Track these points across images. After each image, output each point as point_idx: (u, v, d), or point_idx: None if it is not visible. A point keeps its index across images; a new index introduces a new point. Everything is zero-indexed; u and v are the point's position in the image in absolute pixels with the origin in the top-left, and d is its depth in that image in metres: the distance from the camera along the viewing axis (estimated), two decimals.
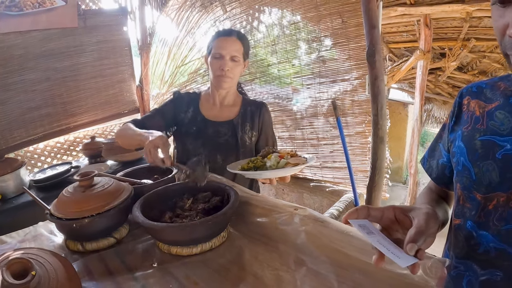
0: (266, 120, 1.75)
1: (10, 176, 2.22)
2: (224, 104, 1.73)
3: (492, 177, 0.74)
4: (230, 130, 1.68)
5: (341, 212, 2.38)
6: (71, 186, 1.13)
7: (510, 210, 0.70)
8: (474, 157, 0.78)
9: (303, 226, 1.05)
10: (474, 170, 0.77)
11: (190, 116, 1.71)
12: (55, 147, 3.25)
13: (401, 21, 4.66)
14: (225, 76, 1.60)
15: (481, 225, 0.76)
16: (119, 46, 3.19)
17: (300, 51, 2.88)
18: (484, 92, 0.84)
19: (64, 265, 0.89)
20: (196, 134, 1.67)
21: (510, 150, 0.72)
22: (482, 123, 0.80)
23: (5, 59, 2.57)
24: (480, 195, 0.76)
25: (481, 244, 0.76)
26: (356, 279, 0.82)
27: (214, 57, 1.61)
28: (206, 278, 0.90)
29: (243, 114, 1.71)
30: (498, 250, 0.72)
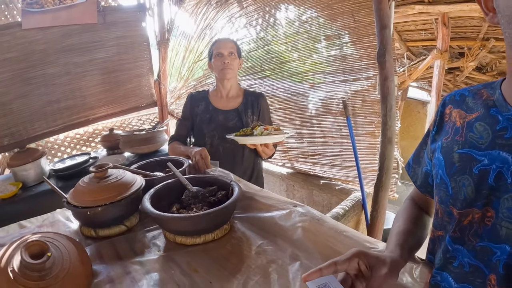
0: (263, 107, 2.12)
1: (31, 166, 2.30)
2: (229, 96, 2.11)
3: (467, 193, 0.71)
4: (237, 116, 2.06)
5: (347, 211, 2.41)
6: (87, 177, 1.21)
7: (485, 227, 0.68)
8: (451, 170, 0.75)
9: (301, 223, 1.11)
10: (451, 184, 0.75)
11: (203, 108, 2.09)
12: (75, 138, 3.34)
13: (418, 19, 4.60)
14: (227, 68, 1.98)
15: (457, 239, 0.74)
16: (138, 41, 3.25)
17: (313, 49, 2.90)
18: (466, 101, 0.80)
19: (78, 248, 0.97)
20: (209, 121, 2.05)
21: (487, 165, 0.69)
22: (461, 134, 0.76)
23: (26, 54, 2.64)
24: (456, 210, 0.74)
25: (456, 258, 0.74)
26: None
27: (216, 56, 2.01)
28: (206, 266, 0.97)
29: (245, 103, 2.09)
30: (472, 266, 0.71)
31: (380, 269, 0.71)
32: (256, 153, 2.00)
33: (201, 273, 0.93)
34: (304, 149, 3.16)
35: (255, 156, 2.08)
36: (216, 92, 2.13)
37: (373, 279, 0.70)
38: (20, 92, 2.64)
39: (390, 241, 0.86)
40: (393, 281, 0.71)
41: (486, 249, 0.68)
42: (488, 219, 0.68)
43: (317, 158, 3.07)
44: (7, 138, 2.62)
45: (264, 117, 2.12)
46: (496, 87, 0.74)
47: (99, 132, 3.48)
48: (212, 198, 1.23)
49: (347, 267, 0.71)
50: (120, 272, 0.96)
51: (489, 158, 0.69)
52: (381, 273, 0.70)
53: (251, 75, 3.44)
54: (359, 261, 0.71)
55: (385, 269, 0.71)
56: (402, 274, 0.86)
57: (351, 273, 0.72)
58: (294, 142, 3.21)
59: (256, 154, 2.03)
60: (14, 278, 0.81)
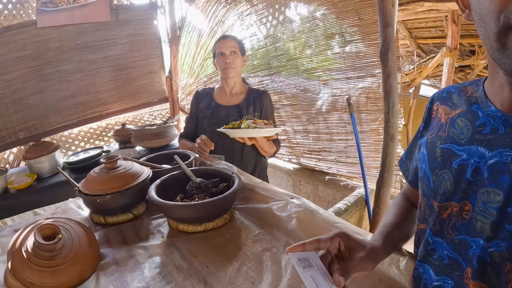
0: (266, 105, 2.12)
1: (46, 158, 2.40)
2: (233, 93, 2.15)
3: (447, 187, 0.72)
4: (237, 112, 2.08)
5: (349, 206, 2.45)
6: (98, 168, 1.30)
7: (463, 221, 0.69)
8: (433, 165, 0.77)
9: (295, 214, 1.17)
10: (433, 178, 0.76)
11: (206, 104, 2.16)
12: (88, 133, 3.44)
13: (428, 16, 4.58)
14: (229, 67, 2.03)
15: (437, 232, 0.75)
16: (150, 39, 3.33)
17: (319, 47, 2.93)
18: (452, 98, 0.81)
19: (86, 232, 1.06)
20: (211, 116, 2.11)
21: (466, 160, 0.70)
22: (444, 130, 0.78)
23: (41, 52, 2.74)
24: (436, 203, 0.75)
25: (436, 250, 0.75)
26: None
27: (218, 56, 2.05)
28: (204, 252, 1.04)
29: (247, 100, 2.11)
30: (451, 258, 0.72)
31: (357, 252, 0.74)
32: (258, 150, 2.03)
33: (199, 258, 1.01)
34: (310, 145, 3.21)
35: (256, 154, 2.09)
36: (221, 89, 2.19)
37: (348, 260, 0.73)
38: (36, 88, 2.74)
39: (376, 231, 0.89)
40: (368, 266, 0.74)
41: (464, 242, 0.69)
42: (466, 212, 0.69)
43: (322, 154, 3.12)
44: (23, 132, 2.72)
45: (267, 115, 2.12)
46: (480, 84, 0.75)
47: (111, 126, 3.57)
48: (214, 189, 1.30)
49: (329, 246, 0.75)
50: (125, 255, 1.04)
51: (468, 153, 0.70)
52: (357, 255, 0.73)
53: (259, 72, 3.50)
54: (340, 241, 0.75)
55: (362, 253, 0.74)
56: (389, 266, 0.91)
57: (332, 252, 0.76)
58: (300, 138, 3.26)
59: (258, 151, 2.05)
60: (28, 257, 0.89)
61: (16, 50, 2.63)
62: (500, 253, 0.62)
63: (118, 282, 0.91)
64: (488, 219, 0.64)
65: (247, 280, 0.90)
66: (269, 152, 2.05)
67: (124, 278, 0.93)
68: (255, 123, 1.71)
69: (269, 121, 1.78)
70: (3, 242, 1.15)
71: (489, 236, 0.64)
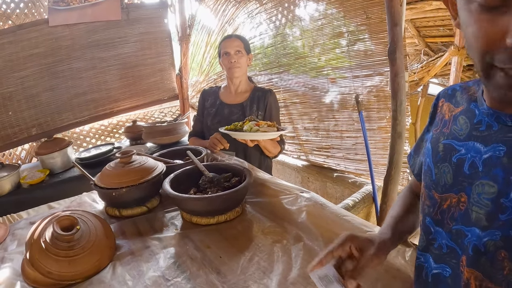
0: (271, 104, 2.12)
1: (58, 154, 2.43)
2: (238, 91, 2.18)
3: (447, 179, 0.76)
4: (241, 110, 2.11)
5: (357, 202, 2.47)
6: (113, 162, 1.34)
7: (460, 212, 0.72)
8: (436, 158, 0.80)
9: (305, 207, 1.20)
10: (435, 170, 0.80)
11: (212, 102, 2.21)
12: (99, 129, 3.48)
13: (436, 15, 4.57)
14: (234, 66, 2.06)
15: (438, 222, 0.79)
16: (160, 37, 3.36)
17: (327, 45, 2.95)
18: (455, 95, 0.84)
19: (103, 224, 1.09)
20: (215, 114, 2.16)
21: (464, 154, 0.73)
22: (447, 126, 0.81)
23: (53, 49, 2.78)
24: (437, 195, 0.79)
25: (436, 240, 0.78)
26: None
27: (223, 55, 2.08)
28: (217, 243, 1.07)
29: (252, 98, 2.13)
30: (449, 247, 0.75)
31: (368, 250, 0.78)
32: (262, 150, 2.03)
33: (212, 249, 1.04)
34: (319, 142, 3.23)
35: (260, 154, 2.09)
36: (227, 87, 2.22)
37: (361, 259, 0.77)
38: (48, 85, 2.78)
39: (383, 224, 0.93)
40: (380, 260, 0.79)
41: (460, 231, 0.72)
42: (462, 203, 0.72)
43: (331, 152, 3.14)
44: (35, 128, 2.77)
45: (271, 114, 2.13)
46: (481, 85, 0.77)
47: (122, 123, 3.61)
48: (226, 183, 1.33)
49: (341, 253, 0.78)
50: (140, 246, 1.07)
51: (466, 148, 0.73)
52: (368, 253, 0.78)
53: (269, 69, 3.52)
54: (351, 245, 0.78)
55: (373, 250, 0.78)
56: (395, 257, 0.94)
57: (343, 256, 0.79)
58: (310, 136, 3.28)
59: (262, 151, 2.05)
60: (46, 247, 0.93)
61: (28, 48, 2.66)
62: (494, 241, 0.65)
63: (134, 271, 0.95)
64: (483, 210, 0.67)
65: (258, 269, 0.93)
66: (273, 152, 2.05)
67: (140, 267, 0.96)
68: (257, 125, 1.71)
69: (273, 122, 1.78)
70: (19, 234, 1.19)
71: (484, 225, 0.66)
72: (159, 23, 3.32)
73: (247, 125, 1.71)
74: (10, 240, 1.16)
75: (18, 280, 0.93)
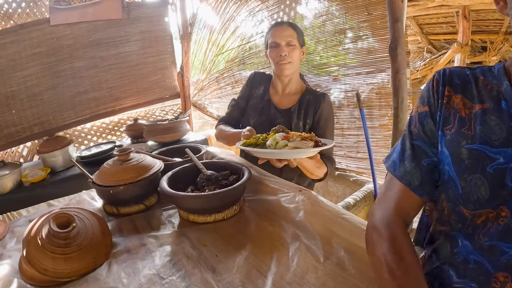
0: (324, 113, 1.74)
1: (59, 152, 2.44)
2: (286, 92, 1.82)
3: (481, 193, 0.66)
4: (286, 117, 1.76)
5: (358, 201, 2.46)
6: (111, 160, 1.34)
7: (498, 227, 0.65)
8: (460, 167, 0.69)
9: (303, 205, 1.19)
10: (461, 183, 0.69)
11: (260, 93, 1.87)
12: (101, 128, 3.48)
13: (439, 12, 4.55)
14: (284, 61, 1.70)
15: (467, 236, 0.70)
16: (161, 35, 3.37)
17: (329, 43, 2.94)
18: (468, 87, 0.72)
19: (100, 222, 1.09)
20: (261, 111, 1.82)
21: (503, 164, 0.63)
22: (469, 127, 0.69)
23: (55, 49, 2.79)
24: (467, 211, 0.69)
25: (460, 254, 0.71)
26: (340, 257, 0.93)
27: (271, 46, 1.73)
28: (214, 241, 1.06)
29: (301, 102, 1.76)
30: (477, 263, 0.68)
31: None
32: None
33: (208, 247, 1.03)
34: None
35: (299, 175, 1.75)
36: (273, 84, 1.87)
37: None
38: (50, 84, 2.80)
39: None
40: None
41: (495, 248, 0.65)
42: (502, 219, 0.64)
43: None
44: (37, 126, 2.78)
45: (320, 124, 1.73)
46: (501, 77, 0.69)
47: (124, 122, 3.61)
48: (224, 181, 1.32)
49: None
50: (137, 244, 1.07)
51: (505, 156, 0.63)
52: None
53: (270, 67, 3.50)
54: None
55: None
56: None
57: None
58: None
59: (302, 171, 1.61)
60: (42, 245, 0.93)
61: (30, 48, 2.68)
62: None
63: (129, 269, 0.94)
64: None
65: (254, 268, 0.92)
66: (316, 174, 1.59)
67: (136, 265, 0.96)
68: (287, 138, 1.28)
69: (310, 134, 1.32)
70: (18, 231, 1.20)
71: None
72: (160, 21, 3.32)
73: (272, 139, 1.28)
74: (9, 237, 1.17)
75: (15, 277, 0.93)
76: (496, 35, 4.71)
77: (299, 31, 1.74)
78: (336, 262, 0.91)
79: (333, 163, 1.72)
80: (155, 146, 2.81)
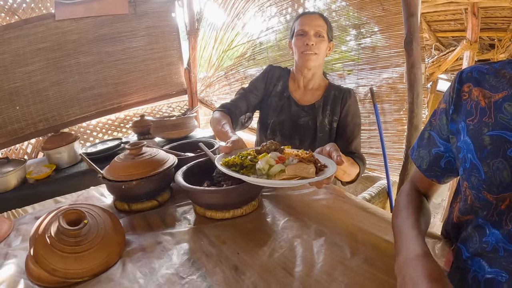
0: (351, 109, 1.64)
1: (65, 149, 2.39)
2: (309, 88, 1.69)
3: (503, 176, 0.67)
4: (311, 114, 1.64)
5: (373, 196, 2.41)
6: (122, 154, 1.28)
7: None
8: (482, 154, 0.71)
9: (325, 201, 1.14)
10: (484, 168, 0.71)
11: (279, 90, 1.72)
12: (106, 124, 3.43)
13: (448, 9, 4.50)
14: (310, 52, 1.55)
15: (494, 223, 0.71)
16: (168, 31, 3.30)
17: (342, 39, 2.90)
18: (487, 79, 0.76)
19: (112, 219, 1.03)
20: (280, 110, 1.68)
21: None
22: (489, 115, 0.72)
23: (60, 44, 2.73)
24: (491, 196, 0.70)
25: (490, 243, 0.71)
26: (368, 253, 0.89)
27: (298, 34, 1.58)
28: (233, 238, 1.00)
29: (326, 98, 1.65)
30: (507, 250, 0.68)
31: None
32: None
33: (228, 244, 0.97)
34: None
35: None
36: (294, 78, 1.73)
37: None
38: (55, 80, 2.73)
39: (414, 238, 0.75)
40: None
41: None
42: None
43: None
44: (42, 123, 2.72)
45: (347, 120, 1.63)
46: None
47: (130, 118, 3.56)
48: None
49: None
50: (152, 241, 1.01)
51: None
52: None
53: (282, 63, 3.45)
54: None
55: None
56: None
57: None
58: None
59: None
60: (51, 243, 0.87)
61: (35, 43, 2.62)
62: None
63: (145, 269, 0.88)
64: None
65: (279, 266, 0.86)
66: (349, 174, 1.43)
67: (152, 264, 0.90)
68: (282, 160, 1.00)
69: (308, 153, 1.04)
70: (24, 229, 1.14)
71: None
72: (167, 17, 3.26)
73: (263, 161, 0.99)
74: (14, 235, 1.10)
75: (21, 277, 0.87)
76: (504, 33, 4.65)
77: (329, 25, 1.62)
78: (364, 258, 0.88)
79: (364, 163, 1.56)
80: (162, 143, 2.77)
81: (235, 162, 1.03)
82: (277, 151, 1.05)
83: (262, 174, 0.97)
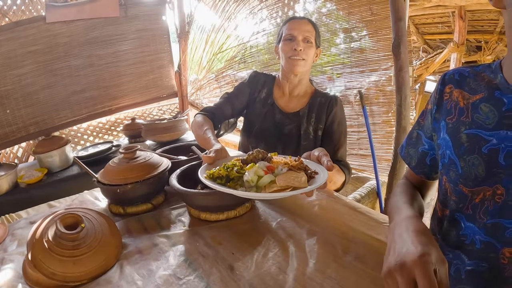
0: (337, 116, 1.61)
1: (56, 153, 2.38)
2: (294, 95, 1.66)
3: (478, 172, 0.73)
4: (295, 121, 1.61)
5: (363, 196, 2.44)
6: (116, 158, 1.29)
7: (496, 205, 0.70)
8: (459, 150, 0.76)
9: (317, 201, 1.17)
10: (460, 164, 0.76)
11: (263, 97, 1.68)
12: (97, 127, 3.42)
13: (435, 12, 4.59)
14: (298, 58, 1.51)
15: (468, 217, 0.75)
16: (159, 34, 3.31)
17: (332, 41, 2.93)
18: (467, 82, 0.81)
19: (108, 222, 1.04)
20: (264, 117, 1.64)
21: (496, 144, 0.70)
22: (467, 115, 0.77)
23: (51, 47, 2.72)
24: (467, 189, 0.75)
25: (468, 236, 0.75)
26: (359, 251, 0.92)
27: (286, 39, 1.54)
28: (229, 239, 1.03)
29: (311, 105, 1.62)
30: (484, 243, 0.72)
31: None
32: None
33: (224, 245, 0.99)
34: None
35: None
36: (279, 85, 1.70)
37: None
38: (46, 83, 2.72)
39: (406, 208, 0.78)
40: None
41: (498, 225, 0.70)
42: (499, 196, 0.70)
43: None
44: (33, 126, 2.71)
45: (333, 127, 1.60)
46: (497, 71, 0.76)
47: (121, 121, 3.55)
48: None
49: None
50: (148, 244, 1.03)
51: (497, 138, 0.71)
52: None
53: (270, 66, 3.48)
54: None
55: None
56: None
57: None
58: None
59: None
60: (49, 247, 0.88)
61: (25, 45, 2.61)
62: None
63: (143, 271, 0.90)
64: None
65: (273, 265, 0.89)
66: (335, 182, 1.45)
67: (149, 266, 0.92)
68: (271, 170, 0.94)
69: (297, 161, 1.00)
70: (19, 234, 1.14)
71: None
72: (157, 20, 3.27)
73: (251, 172, 0.93)
74: (10, 240, 1.11)
75: (19, 282, 0.88)
76: (490, 35, 4.76)
77: (318, 31, 1.59)
78: (355, 255, 0.91)
79: (350, 171, 1.56)
80: (153, 146, 2.78)
81: (221, 174, 0.97)
82: (265, 160, 1.00)
83: (251, 186, 0.92)
